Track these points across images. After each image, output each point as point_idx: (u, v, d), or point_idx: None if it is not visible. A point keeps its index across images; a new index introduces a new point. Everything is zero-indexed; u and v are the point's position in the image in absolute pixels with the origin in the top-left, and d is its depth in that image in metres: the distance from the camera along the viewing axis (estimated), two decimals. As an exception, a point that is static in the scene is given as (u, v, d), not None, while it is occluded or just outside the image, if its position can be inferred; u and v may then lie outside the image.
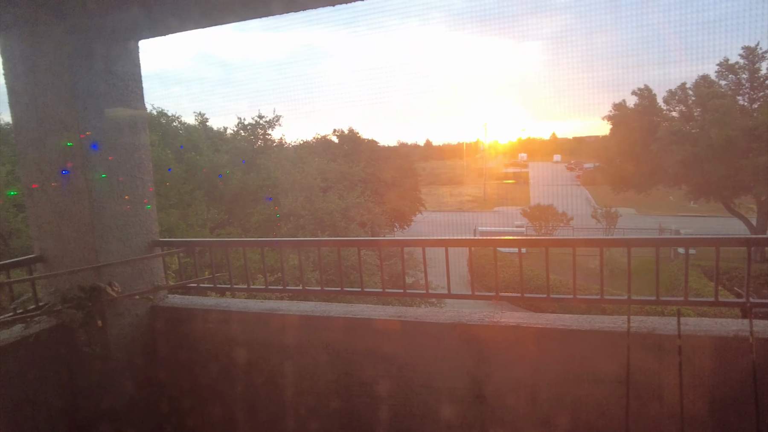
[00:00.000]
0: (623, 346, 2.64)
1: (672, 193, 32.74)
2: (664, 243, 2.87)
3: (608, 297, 2.89)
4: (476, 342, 2.99)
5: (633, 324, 2.77)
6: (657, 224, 28.66)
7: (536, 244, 3.26)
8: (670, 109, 28.89)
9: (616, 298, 2.85)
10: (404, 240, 3.53)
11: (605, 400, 2.75)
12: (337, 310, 3.34)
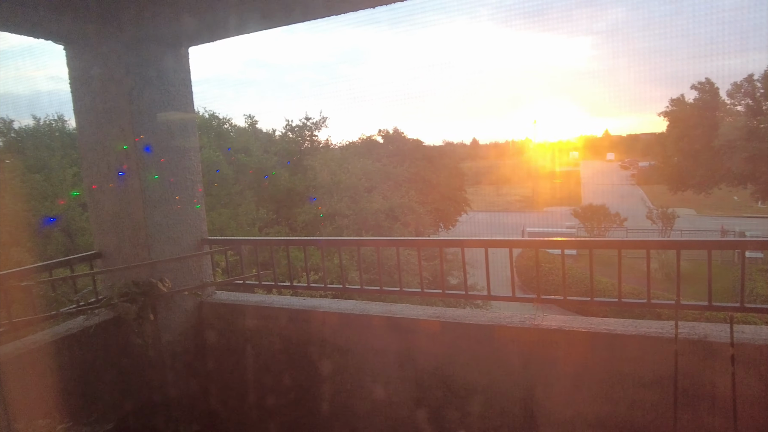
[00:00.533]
0: (671, 353, 2.52)
1: (736, 193, 30.83)
2: (716, 245, 2.72)
3: (655, 301, 2.77)
4: (516, 344, 2.94)
5: (683, 330, 2.65)
6: (719, 226, 26.99)
7: (580, 245, 3.15)
8: (734, 103, 27.32)
9: (663, 302, 2.72)
10: (444, 240, 3.53)
11: (652, 408, 2.64)
12: (376, 309, 3.37)
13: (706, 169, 25.91)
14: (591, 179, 44.52)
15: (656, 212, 27.66)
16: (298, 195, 16.14)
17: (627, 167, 48.11)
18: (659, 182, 31.12)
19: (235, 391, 3.80)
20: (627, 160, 49.25)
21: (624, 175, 46.50)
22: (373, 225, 14.89)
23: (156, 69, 3.58)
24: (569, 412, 2.84)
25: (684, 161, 26.93)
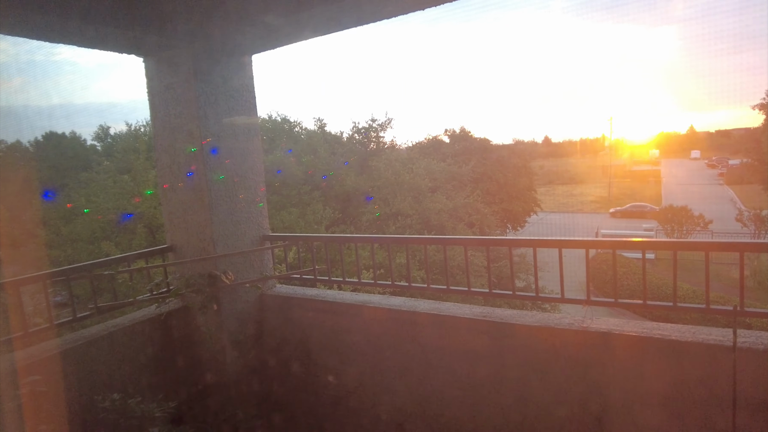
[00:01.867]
0: (729, 362, 2.38)
1: None
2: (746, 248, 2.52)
3: (714, 307, 2.61)
4: (564, 347, 2.89)
5: (748, 339, 2.49)
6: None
7: (663, 247, 2.98)
8: (844, 94, 24.53)
9: (722, 308, 2.56)
10: (513, 240, 3.49)
11: (709, 418, 2.50)
12: (423, 306, 3.43)
13: (810, 166, 23.41)
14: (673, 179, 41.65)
15: (748, 214, 25.36)
16: (363, 195, 16.48)
17: (715, 165, 44.45)
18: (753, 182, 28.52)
19: (289, 378, 4.00)
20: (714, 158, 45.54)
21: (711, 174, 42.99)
22: (436, 225, 14.89)
23: (221, 77, 3.85)
24: (620, 418, 2.75)
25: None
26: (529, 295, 3.17)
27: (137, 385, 3.29)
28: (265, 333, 4.07)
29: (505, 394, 3.07)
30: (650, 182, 42.37)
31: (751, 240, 24.47)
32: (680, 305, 2.71)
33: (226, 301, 3.82)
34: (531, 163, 33.24)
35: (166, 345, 3.71)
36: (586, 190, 43.84)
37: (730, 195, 33.75)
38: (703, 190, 36.26)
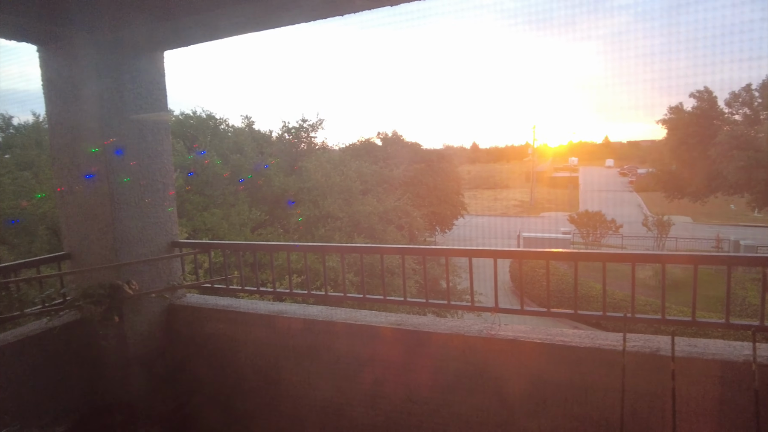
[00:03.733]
0: (620, 365, 2.54)
1: (733, 201, 30.85)
2: (702, 260, 2.72)
3: (609, 314, 2.78)
4: (473, 354, 2.96)
5: (637, 343, 2.67)
6: (714, 234, 27.02)
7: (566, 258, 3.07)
8: (732, 112, 27.37)
9: (614, 315, 2.74)
10: (428, 248, 3.51)
11: (602, 420, 2.66)
12: (340, 315, 3.39)
13: (703, 177, 25.92)
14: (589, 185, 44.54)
15: (652, 219, 27.67)
16: (292, 196, 16.16)
17: (626, 174, 48.15)
18: (657, 189, 31.11)
19: (199, 393, 3.82)
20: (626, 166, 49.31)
21: (622, 181, 46.52)
22: (366, 228, 14.91)
23: (129, 73, 3.60)
24: (525, 421, 2.85)
25: (681, 169, 26.96)
26: (441, 303, 3.21)
27: (19, 408, 2.99)
28: (174, 346, 3.85)
29: (418, 402, 3.10)
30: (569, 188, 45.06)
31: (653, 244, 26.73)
32: (580, 313, 2.86)
33: (130, 313, 3.57)
34: (459, 167, 34.25)
35: (60, 362, 3.40)
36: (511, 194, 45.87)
37: (638, 201, 36.67)
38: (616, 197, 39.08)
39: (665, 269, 2.67)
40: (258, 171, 16.54)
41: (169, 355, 3.83)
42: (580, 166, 52.41)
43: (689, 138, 26.12)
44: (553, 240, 26.44)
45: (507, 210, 40.96)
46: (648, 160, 34.58)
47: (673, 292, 2.94)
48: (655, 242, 26.98)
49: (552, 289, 14.83)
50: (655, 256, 2.75)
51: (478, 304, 3.27)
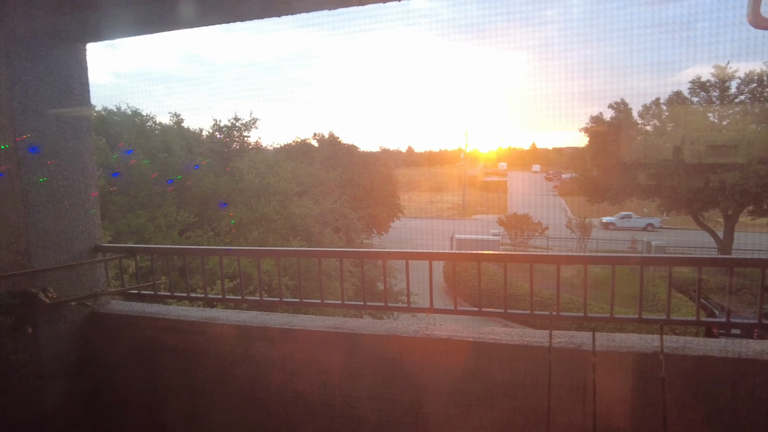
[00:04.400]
0: (547, 361, 2.70)
1: (646, 205, 33.40)
2: (619, 261, 2.93)
3: (536, 312, 2.94)
4: (410, 354, 3.02)
5: (562, 339, 2.83)
6: (630, 236, 29.22)
7: (496, 259, 3.22)
8: (644, 123, 29.54)
9: (541, 313, 2.90)
10: (366, 251, 3.53)
11: (531, 413, 2.80)
12: (275, 320, 3.34)
13: (620, 182, 27.77)
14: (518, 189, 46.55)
15: (575, 222, 29.43)
16: (223, 198, 15.63)
17: (551, 178, 50.83)
18: (579, 194, 33.04)
19: (125, 407, 3.61)
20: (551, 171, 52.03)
21: (548, 186, 49.08)
22: (302, 230, 14.72)
23: (46, 65, 3.36)
24: (459, 419, 2.94)
25: (601, 175, 28.75)
26: (378, 305, 3.26)
27: None
28: (97, 357, 3.62)
29: (356, 406, 3.11)
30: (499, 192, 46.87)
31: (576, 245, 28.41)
32: (510, 312, 3.00)
33: (46, 323, 3.32)
34: (395, 170, 34.70)
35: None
36: (445, 197, 47.01)
37: (563, 204, 38.81)
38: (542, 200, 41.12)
39: (587, 270, 2.86)
40: (188, 171, 15.86)
41: (92, 367, 3.60)
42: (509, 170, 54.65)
43: (608, 146, 27.93)
44: (484, 241, 27.40)
45: (441, 212, 41.97)
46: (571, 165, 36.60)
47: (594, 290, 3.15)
48: (578, 243, 28.74)
49: (484, 289, 15.40)
50: (578, 258, 2.95)
51: (414, 305, 3.34)
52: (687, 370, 2.57)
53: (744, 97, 25.80)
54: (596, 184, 29.49)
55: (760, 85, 25.24)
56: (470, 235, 30.13)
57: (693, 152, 23.35)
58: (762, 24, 2.99)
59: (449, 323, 3.16)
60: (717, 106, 26.61)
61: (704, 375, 2.56)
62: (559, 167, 50.85)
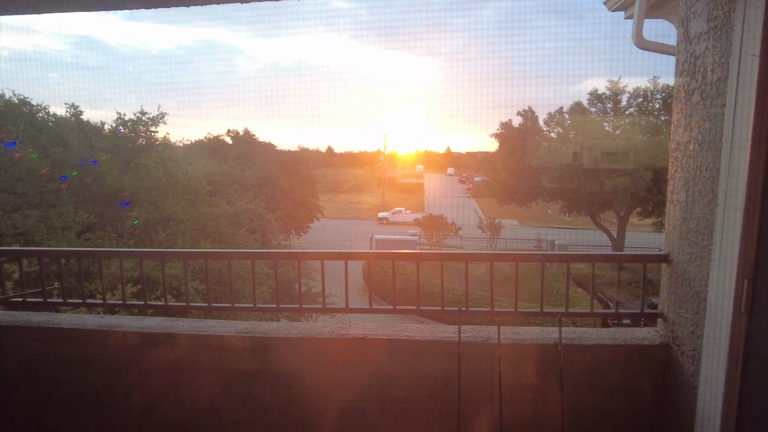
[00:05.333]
0: (457, 355, 2.79)
1: (550, 207, 35.85)
2: (522, 258, 3.09)
3: (447, 308, 3.03)
4: (325, 355, 2.99)
5: (471, 333, 2.95)
6: (536, 235, 31.22)
7: (409, 258, 3.28)
8: (549, 131, 31.65)
9: (451, 309, 3.00)
10: (280, 252, 3.42)
11: (444, 406, 2.89)
12: (182, 326, 3.15)
13: (527, 185, 29.54)
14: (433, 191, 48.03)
15: (486, 222, 30.91)
16: (128, 196, 14.54)
17: (464, 181, 53.08)
18: (490, 195, 34.74)
19: (7, 430, 3.24)
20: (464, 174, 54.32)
21: (461, 188, 51.18)
22: (213, 231, 14.07)
23: None
24: (375, 417, 2.96)
25: (509, 178, 30.41)
26: (293, 307, 3.19)
27: None
28: (-31, 373, 3.21)
29: (269, 410, 3.03)
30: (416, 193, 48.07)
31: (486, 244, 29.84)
32: (422, 308, 3.07)
33: None
34: (315, 171, 34.35)
35: None
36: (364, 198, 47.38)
37: (475, 206, 40.62)
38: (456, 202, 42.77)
39: (493, 267, 3.00)
40: (86, 167, 14.57)
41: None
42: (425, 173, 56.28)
43: (516, 151, 29.63)
44: (402, 242, 27.98)
45: (360, 213, 42.22)
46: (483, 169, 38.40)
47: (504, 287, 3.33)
48: (489, 243, 30.22)
49: (402, 287, 15.68)
50: (484, 255, 3.08)
51: (332, 305, 3.31)
52: (583, 358, 2.79)
53: (633, 110, 28.53)
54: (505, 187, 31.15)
55: (646, 100, 28.05)
56: (389, 235, 30.60)
57: (590, 158, 25.45)
58: (644, 45, 3.32)
59: (367, 322, 3.18)
60: (611, 116, 29.19)
61: (598, 361, 2.79)
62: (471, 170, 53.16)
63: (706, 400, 2.38)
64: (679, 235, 2.62)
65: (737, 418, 2.24)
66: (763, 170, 2.02)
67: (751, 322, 2.14)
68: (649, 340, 2.83)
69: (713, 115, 2.30)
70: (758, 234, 2.07)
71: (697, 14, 2.44)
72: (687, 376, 2.55)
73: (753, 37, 2.01)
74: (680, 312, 2.62)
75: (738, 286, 2.14)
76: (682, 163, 2.59)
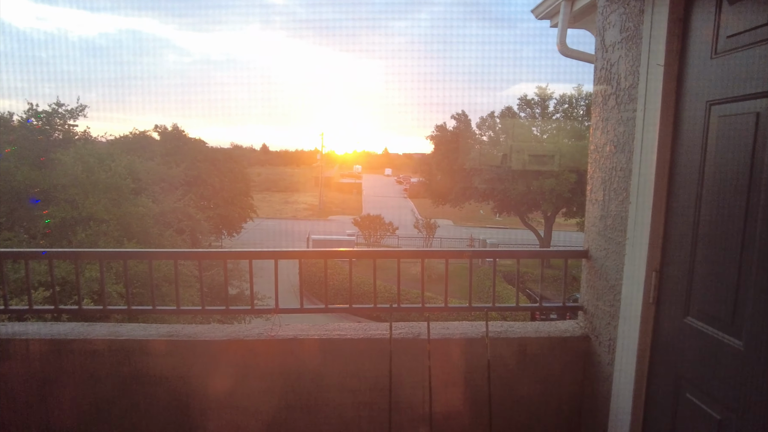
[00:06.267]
0: (388, 351, 2.80)
1: (482, 208, 37.09)
2: (451, 255, 3.14)
3: (379, 305, 3.03)
4: (254, 357, 2.90)
5: (402, 330, 2.97)
6: (469, 235, 32.18)
7: (341, 255, 3.23)
8: (481, 134, 32.71)
9: (383, 306, 3.00)
10: (204, 252, 3.27)
11: (375, 403, 2.88)
12: (98, 332, 2.94)
13: (460, 186, 30.37)
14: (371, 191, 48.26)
15: (422, 222, 31.48)
16: (41, 194, 13.41)
17: (401, 182, 53.78)
18: (426, 196, 35.42)
19: None
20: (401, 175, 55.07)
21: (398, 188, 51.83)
22: (138, 231, 13.28)
23: None
24: (306, 417, 2.91)
25: (444, 179, 31.15)
26: (219, 309, 3.06)
27: None
28: None
29: (193, 415, 2.89)
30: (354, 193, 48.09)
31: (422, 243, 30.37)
32: (355, 306, 3.06)
33: None
34: (248, 169, 33.38)
35: None
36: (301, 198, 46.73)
37: (411, 206, 41.28)
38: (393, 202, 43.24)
39: (424, 264, 3.04)
40: (0, 160, 13.28)
41: None
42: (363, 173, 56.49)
43: (450, 153, 30.38)
44: (339, 241, 27.85)
45: (297, 213, 41.58)
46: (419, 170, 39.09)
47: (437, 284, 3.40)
48: (424, 242, 30.78)
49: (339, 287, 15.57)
50: (416, 253, 3.13)
51: (265, 306, 3.21)
52: (510, 351, 2.89)
53: (559, 115, 30.10)
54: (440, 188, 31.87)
55: (571, 106, 29.68)
56: (326, 235, 30.38)
57: (519, 161, 26.59)
58: (567, 53, 3.49)
59: (302, 323, 3.11)
60: (539, 121, 30.63)
61: (524, 353, 2.90)
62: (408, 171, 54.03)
63: (619, 387, 2.53)
64: (597, 231, 2.77)
65: (645, 404, 2.40)
66: (668, 170, 2.18)
67: (658, 312, 2.30)
68: (571, 332, 2.98)
69: (627, 119, 2.45)
70: (664, 229, 2.23)
71: (611, 25, 2.59)
72: (604, 365, 2.70)
73: (658, 48, 2.16)
74: (598, 305, 2.77)
75: (647, 279, 2.30)
76: (599, 164, 2.74)
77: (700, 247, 2.03)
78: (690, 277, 2.09)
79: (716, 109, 1.93)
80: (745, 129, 1.77)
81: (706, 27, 1.98)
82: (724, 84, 1.88)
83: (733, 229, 1.83)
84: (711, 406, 1.96)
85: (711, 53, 1.95)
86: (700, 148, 2.00)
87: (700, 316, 2.03)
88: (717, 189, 1.92)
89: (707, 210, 1.98)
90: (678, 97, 2.14)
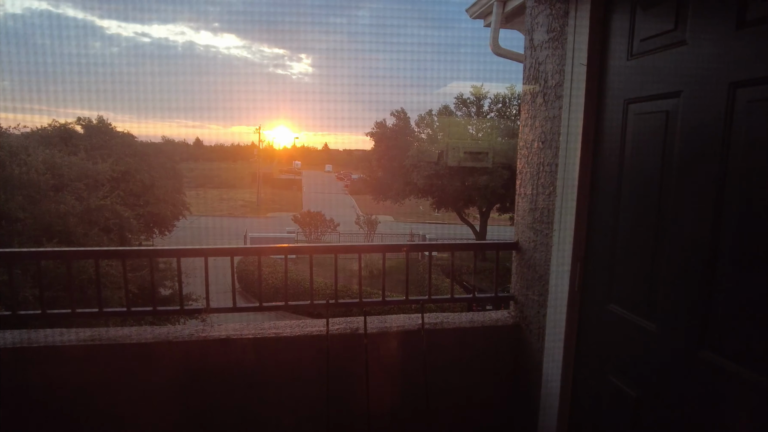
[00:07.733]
0: (326, 348, 2.78)
1: (421, 204, 37.69)
2: (388, 249, 3.15)
3: (316, 302, 3.00)
4: (185, 359, 2.77)
5: (340, 326, 2.95)
6: (409, 230, 32.63)
7: (276, 252, 3.15)
8: (420, 132, 33.21)
9: (319, 302, 2.97)
10: (129, 250, 3.06)
11: (313, 402, 2.85)
12: (6, 339, 2.70)
13: (401, 183, 30.70)
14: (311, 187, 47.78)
15: (363, 218, 31.54)
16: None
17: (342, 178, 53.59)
18: (366, 192, 35.50)
19: None
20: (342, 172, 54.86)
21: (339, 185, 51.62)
22: (59, 231, 12.35)
23: None
24: (237, 417, 2.82)
25: (384, 176, 31.37)
26: (146, 310, 2.90)
27: None
28: None
29: (118, 426, 2.73)
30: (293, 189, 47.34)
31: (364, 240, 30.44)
32: (290, 304, 2.99)
33: None
34: (181, 164, 31.97)
35: None
36: (237, 194, 45.35)
37: (352, 203, 41.24)
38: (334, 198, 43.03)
39: (361, 258, 3.04)
40: None
41: None
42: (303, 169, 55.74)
43: (390, 150, 30.65)
44: (278, 239, 27.32)
45: (234, 210, 40.33)
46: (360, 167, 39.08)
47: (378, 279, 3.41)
48: (365, 238, 30.81)
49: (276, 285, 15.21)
50: (353, 247, 3.11)
51: (193, 306, 3.08)
52: (445, 341, 2.94)
53: (493, 114, 31.11)
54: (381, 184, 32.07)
55: (504, 105, 30.77)
56: (265, 233, 29.74)
57: (456, 158, 27.20)
58: (500, 52, 3.59)
59: (236, 322, 3.02)
60: (474, 120, 31.52)
61: (459, 343, 2.97)
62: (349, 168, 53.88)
63: (549, 373, 2.65)
64: (527, 224, 2.88)
65: (572, 388, 2.53)
66: (590, 165, 2.30)
67: (584, 300, 2.42)
68: (503, 321, 3.09)
69: (553, 116, 2.56)
70: (588, 221, 2.36)
71: (539, 25, 2.69)
72: (534, 352, 2.82)
73: (581, 48, 2.27)
74: (528, 294, 2.88)
75: (573, 268, 2.41)
76: (528, 160, 2.85)
77: (619, 238, 2.15)
78: (611, 267, 2.21)
79: (633, 108, 2.05)
80: (656, 126, 1.90)
81: (623, 30, 2.10)
82: (639, 84, 2.01)
83: (647, 221, 1.96)
84: (629, 385, 2.10)
85: (627, 55, 2.07)
86: (619, 144, 2.12)
87: (621, 302, 2.16)
88: (634, 183, 2.05)
89: (626, 203, 2.11)
90: (600, 96, 2.26)
